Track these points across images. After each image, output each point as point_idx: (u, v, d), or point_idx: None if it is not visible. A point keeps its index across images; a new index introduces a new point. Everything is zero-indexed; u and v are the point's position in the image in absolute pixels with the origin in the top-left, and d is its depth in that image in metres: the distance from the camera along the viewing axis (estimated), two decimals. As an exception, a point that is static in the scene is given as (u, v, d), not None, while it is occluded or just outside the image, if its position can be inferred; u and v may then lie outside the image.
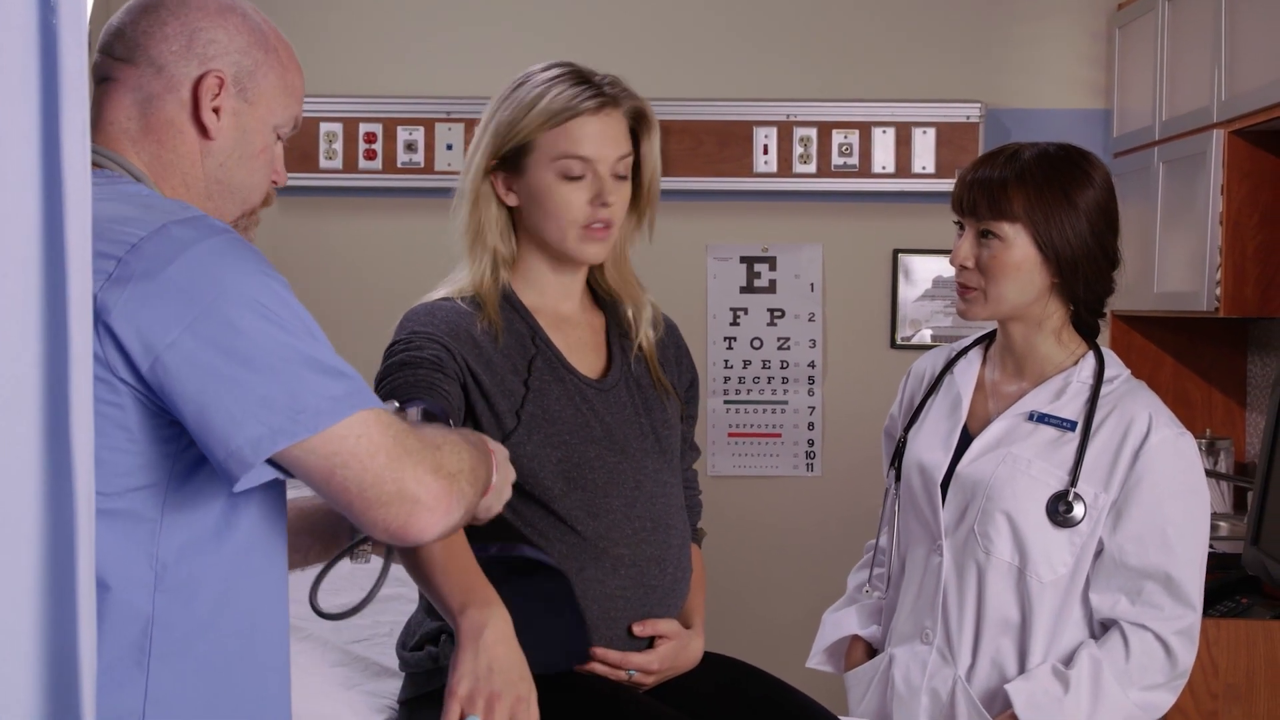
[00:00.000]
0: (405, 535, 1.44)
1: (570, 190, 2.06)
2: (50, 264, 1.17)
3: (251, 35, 1.59)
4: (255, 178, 1.62)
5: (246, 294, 1.40)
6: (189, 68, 1.55)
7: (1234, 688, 2.94)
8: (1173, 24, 3.61)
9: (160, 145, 1.56)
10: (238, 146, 1.58)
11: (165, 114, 1.55)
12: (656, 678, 2.09)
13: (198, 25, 1.56)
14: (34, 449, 1.17)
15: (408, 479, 1.42)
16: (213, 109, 1.55)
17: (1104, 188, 2.21)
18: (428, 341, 2.02)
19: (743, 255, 4.20)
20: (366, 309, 4.14)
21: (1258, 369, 3.90)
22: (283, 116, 1.62)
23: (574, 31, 4.15)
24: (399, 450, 1.43)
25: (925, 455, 2.28)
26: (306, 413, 1.39)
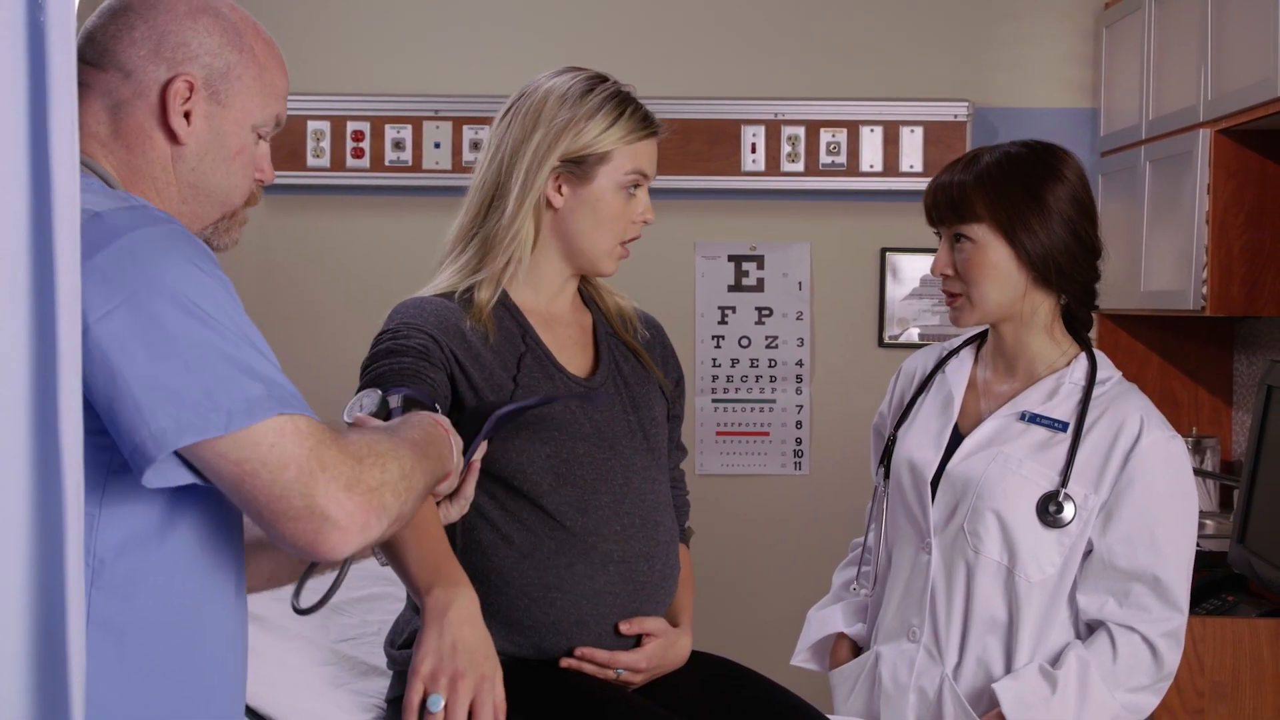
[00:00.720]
0: (313, 552, 1.39)
1: (626, 203, 2.13)
2: (38, 262, 1.16)
3: (224, 35, 1.56)
4: (233, 179, 1.58)
5: (173, 286, 1.36)
6: (157, 72, 1.52)
7: (1220, 685, 2.95)
8: (1160, 23, 3.62)
9: (130, 151, 1.53)
10: (211, 149, 1.55)
11: (135, 120, 1.53)
12: (644, 676, 2.09)
13: (166, 28, 1.53)
14: (22, 445, 1.17)
15: (318, 495, 1.37)
16: (183, 113, 1.53)
17: (1074, 180, 2.22)
18: (415, 331, 2.03)
19: (731, 254, 4.21)
20: (354, 307, 4.14)
21: (1244, 368, 3.91)
22: (262, 116, 1.59)
23: (563, 30, 4.15)
24: (313, 463, 1.37)
25: (916, 453, 2.29)
26: (218, 411, 1.34)
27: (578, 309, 2.21)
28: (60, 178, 1.17)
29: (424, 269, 2.22)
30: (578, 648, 2.04)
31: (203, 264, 1.40)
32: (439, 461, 1.58)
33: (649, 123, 2.14)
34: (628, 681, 2.08)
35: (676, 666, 2.14)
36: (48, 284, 1.17)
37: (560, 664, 2.04)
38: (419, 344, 2.01)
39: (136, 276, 1.35)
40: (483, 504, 2.04)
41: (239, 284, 4.36)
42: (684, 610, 2.20)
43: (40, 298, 1.17)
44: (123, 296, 1.34)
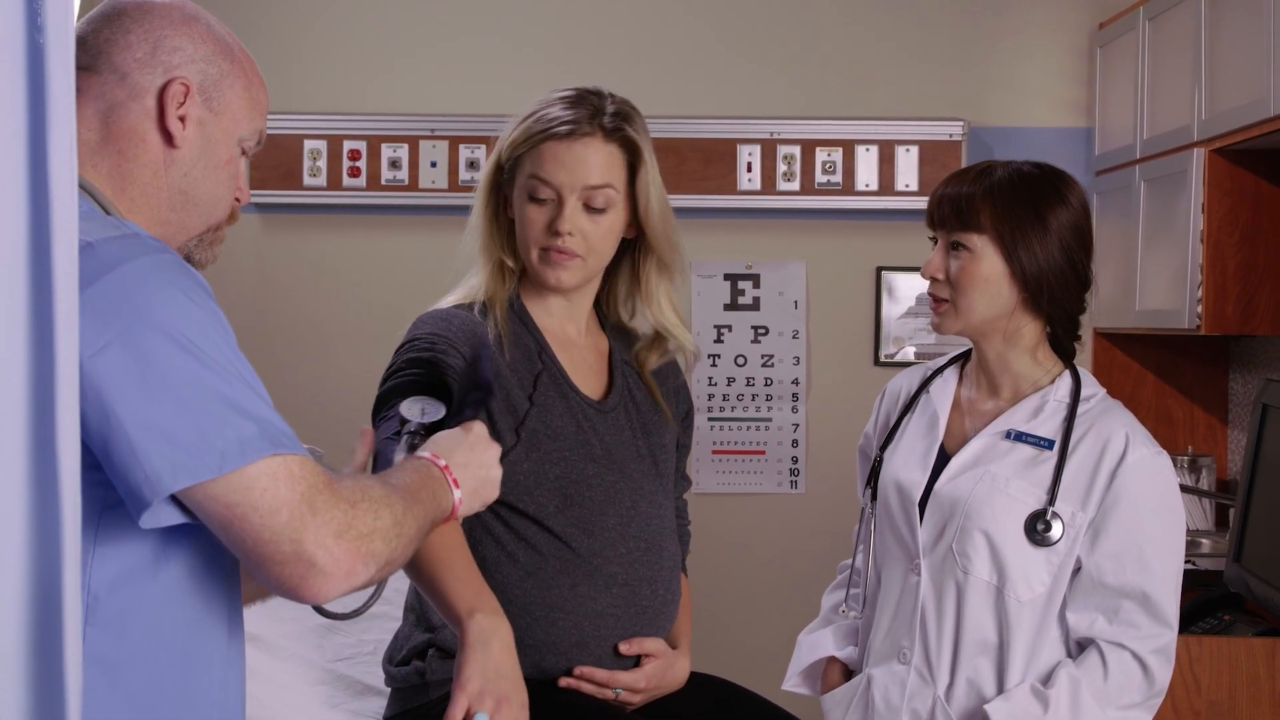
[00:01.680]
0: (299, 596, 1.38)
1: (534, 211, 2.07)
2: (37, 281, 1.16)
3: (216, 44, 1.57)
4: (220, 190, 1.58)
5: (166, 321, 1.34)
6: (153, 75, 1.52)
7: (1216, 705, 2.95)
8: (1154, 43, 3.64)
9: (121, 156, 1.52)
10: (202, 156, 1.55)
11: (128, 122, 1.52)
12: (643, 697, 2.09)
13: (162, 33, 1.53)
14: (20, 462, 1.17)
15: (307, 541, 1.35)
16: (178, 117, 1.52)
17: (1078, 208, 2.23)
18: (449, 347, 2.01)
19: (727, 272, 4.21)
20: (351, 326, 4.14)
21: (1239, 386, 3.91)
22: (247, 129, 1.59)
23: (559, 49, 4.16)
24: (304, 508, 1.35)
25: (902, 474, 2.29)
26: (211, 452, 1.33)
27: (594, 332, 2.21)
28: (59, 198, 1.17)
29: (422, 288, 2.24)
30: (577, 667, 2.04)
31: (196, 297, 1.39)
32: (433, 505, 1.55)
33: (556, 123, 2.04)
34: (626, 702, 2.07)
35: (675, 688, 2.13)
36: (46, 303, 1.17)
37: (559, 683, 2.04)
38: (456, 364, 1.99)
39: (129, 312, 1.34)
40: (488, 521, 2.04)
41: (235, 303, 4.37)
42: (683, 634, 2.20)
43: (38, 317, 1.17)
44: (115, 331, 1.33)
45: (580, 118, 2.05)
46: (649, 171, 2.11)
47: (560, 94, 2.09)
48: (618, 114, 2.08)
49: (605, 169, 2.07)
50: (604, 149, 2.07)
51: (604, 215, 2.09)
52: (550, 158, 2.05)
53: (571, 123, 2.04)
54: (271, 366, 4.16)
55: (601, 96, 2.09)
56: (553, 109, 2.06)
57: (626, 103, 2.13)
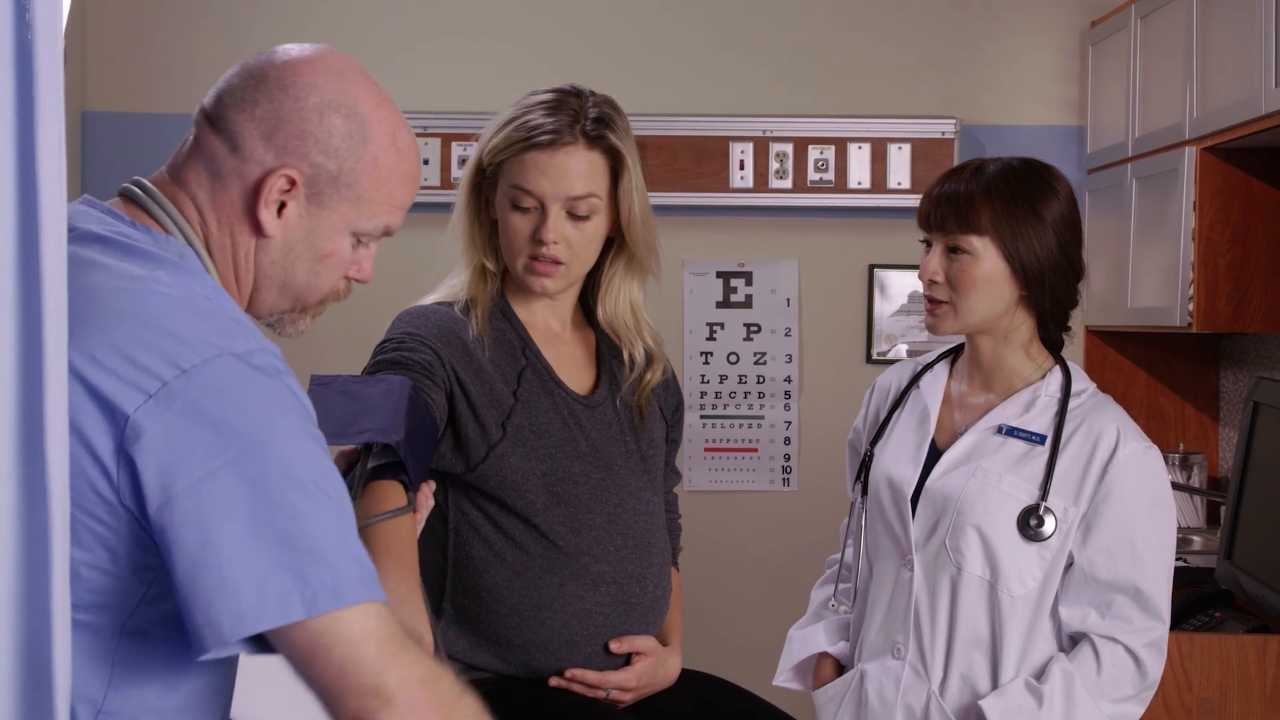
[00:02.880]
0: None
1: (519, 220, 2.05)
2: (25, 282, 1.16)
3: (349, 140, 1.45)
4: (318, 280, 1.50)
5: (289, 457, 1.28)
6: (265, 156, 1.43)
7: (1207, 702, 2.95)
8: (1145, 41, 3.64)
9: (219, 225, 1.44)
10: (299, 247, 1.46)
11: (229, 196, 1.44)
12: (634, 695, 2.09)
13: (289, 116, 1.43)
14: (8, 465, 1.17)
15: (389, 676, 1.31)
16: (277, 205, 1.43)
17: (1067, 200, 2.23)
18: (419, 344, 2.01)
19: (719, 270, 4.21)
20: (341, 323, 4.13)
21: (1230, 384, 3.92)
22: (368, 225, 1.48)
23: (552, 47, 4.16)
24: (393, 646, 1.32)
25: (894, 469, 2.29)
26: (306, 594, 1.27)
27: (580, 326, 2.20)
28: (47, 198, 1.17)
29: (413, 285, 2.23)
30: (568, 669, 2.04)
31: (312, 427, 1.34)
32: None
33: (536, 132, 2.01)
34: (617, 700, 2.07)
35: (666, 685, 2.13)
36: (34, 304, 1.17)
37: (549, 683, 2.04)
38: (423, 359, 1.99)
39: (254, 438, 1.27)
40: (476, 520, 2.04)
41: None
42: (674, 630, 2.19)
43: (26, 318, 1.17)
44: (233, 455, 1.26)
45: (561, 126, 2.01)
46: (632, 178, 2.08)
47: (540, 98, 2.05)
48: (599, 119, 2.05)
49: (588, 178, 2.04)
50: (586, 157, 2.04)
51: (588, 222, 2.07)
52: (533, 167, 2.02)
53: (553, 132, 2.01)
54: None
55: (582, 99, 2.06)
56: (533, 115, 2.03)
57: (608, 103, 2.08)
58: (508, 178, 2.06)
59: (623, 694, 2.07)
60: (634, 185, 2.08)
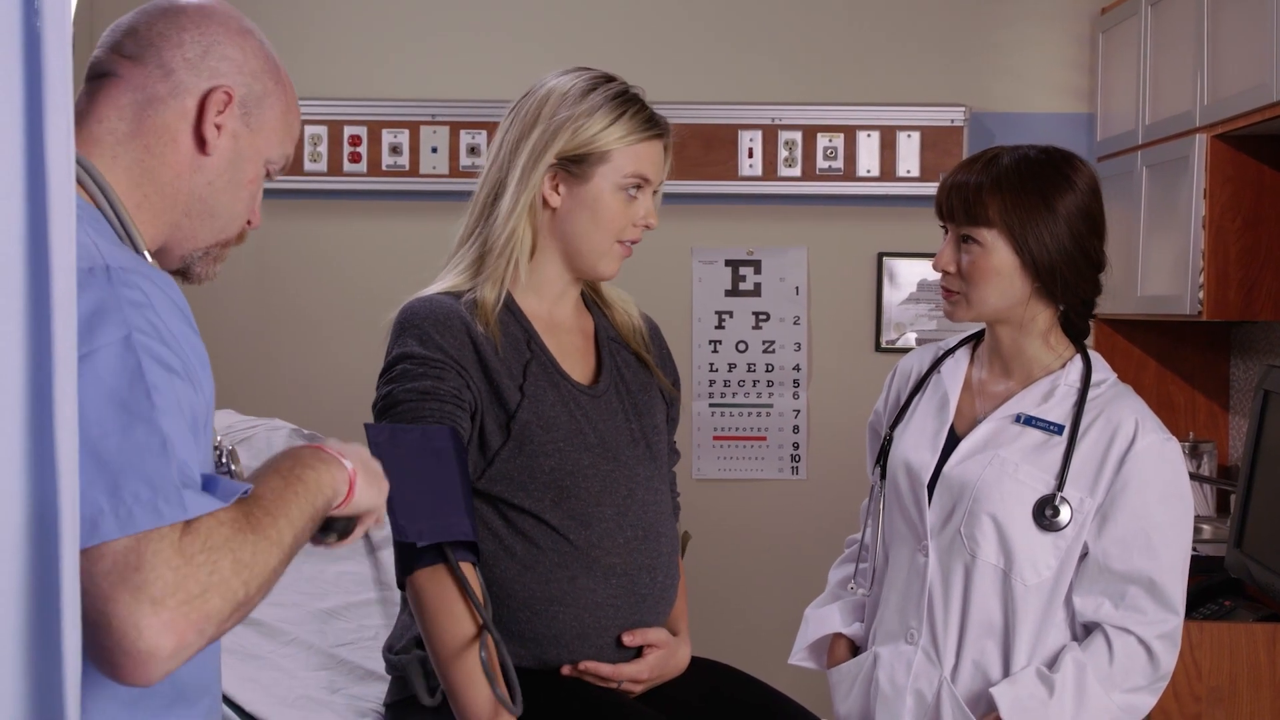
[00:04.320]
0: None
1: (623, 205, 2.09)
2: (34, 268, 1.16)
3: (266, 62, 1.56)
4: (238, 206, 1.56)
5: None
6: (198, 79, 1.50)
7: (1217, 690, 2.95)
8: (1156, 28, 3.63)
9: (147, 151, 1.49)
10: (230, 169, 1.53)
11: (162, 119, 1.49)
12: (645, 685, 2.09)
13: (216, 39, 1.52)
14: (18, 454, 1.17)
15: (115, 606, 1.23)
16: (215, 125, 1.50)
17: (1086, 191, 2.21)
18: (445, 368, 2.01)
19: (728, 258, 4.21)
20: (351, 312, 4.14)
21: (1240, 372, 3.91)
22: (277, 152, 1.58)
23: (560, 34, 4.15)
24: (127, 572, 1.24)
25: (912, 455, 2.29)
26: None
27: (580, 314, 2.20)
28: (56, 182, 1.17)
29: (421, 274, 2.22)
30: (581, 663, 2.04)
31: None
32: (307, 500, 1.41)
33: (653, 124, 2.10)
34: (629, 690, 2.08)
35: (677, 674, 2.14)
36: (43, 289, 1.17)
37: (562, 671, 2.04)
38: (453, 388, 2.00)
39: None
40: (486, 515, 2.04)
41: (235, 289, 4.37)
42: (681, 618, 2.20)
43: (36, 303, 1.17)
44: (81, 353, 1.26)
45: (659, 119, 2.13)
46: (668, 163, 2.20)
47: (619, 86, 2.12)
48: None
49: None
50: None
51: None
52: (649, 156, 2.10)
53: (661, 124, 2.13)
54: (269, 352, 4.16)
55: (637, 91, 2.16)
56: (633, 105, 2.10)
57: None
58: (622, 166, 2.08)
59: (634, 686, 2.08)
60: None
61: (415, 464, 1.91)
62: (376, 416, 2.02)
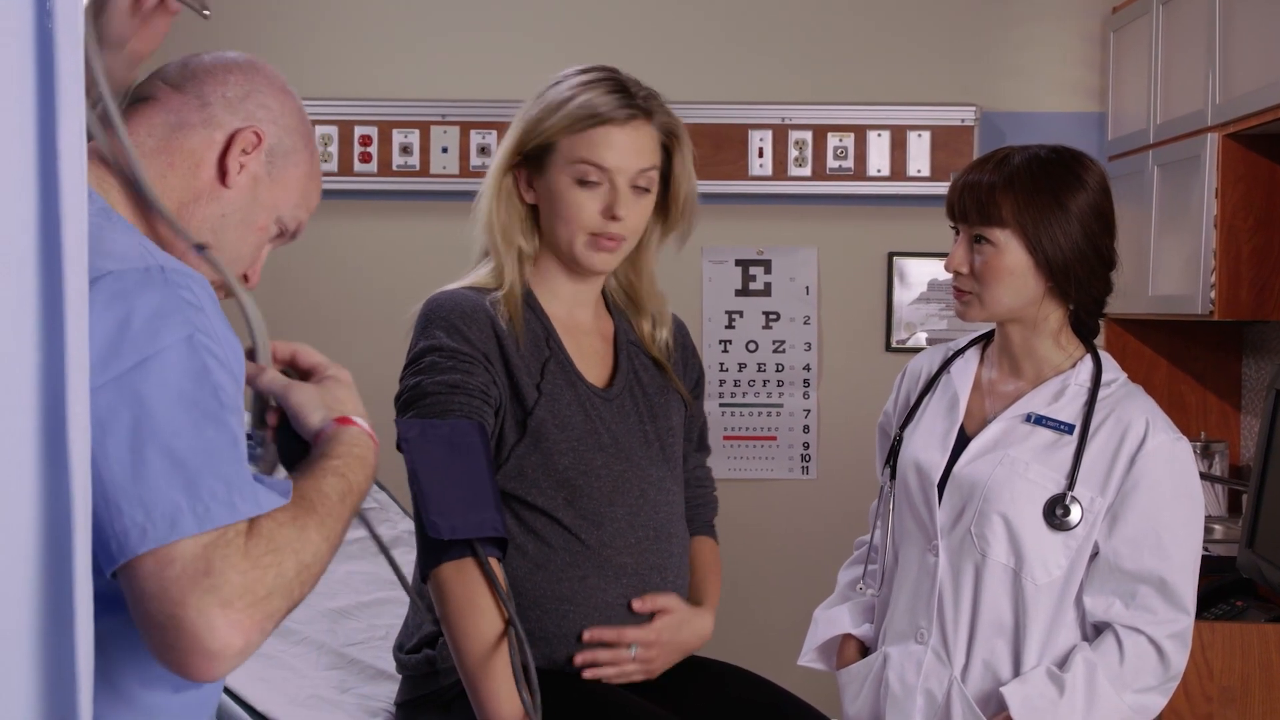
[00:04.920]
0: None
1: (584, 196, 2.05)
2: (46, 266, 1.17)
3: (301, 123, 1.59)
4: (243, 249, 1.57)
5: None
6: (233, 117, 1.53)
7: (1229, 690, 2.95)
8: (1167, 27, 3.62)
9: (169, 167, 1.51)
10: (244, 208, 1.55)
11: (190, 143, 1.52)
12: (660, 653, 2.06)
13: (258, 87, 1.56)
14: (30, 452, 1.17)
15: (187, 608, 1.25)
16: (239, 162, 1.53)
17: (1097, 189, 2.21)
18: (473, 362, 2.01)
19: (738, 258, 4.21)
20: (362, 311, 4.15)
21: (1252, 372, 3.90)
22: (290, 212, 1.60)
23: (571, 34, 4.15)
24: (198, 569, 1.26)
25: (922, 455, 2.29)
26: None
27: (601, 317, 2.19)
28: (68, 182, 1.17)
29: (432, 273, 2.23)
30: (586, 631, 2.03)
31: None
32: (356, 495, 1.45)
33: (596, 113, 2.03)
34: (644, 661, 2.05)
35: (696, 645, 2.11)
36: (55, 288, 1.17)
37: (575, 660, 2.03)
38: (480, 384, 2.00)
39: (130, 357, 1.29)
40: None
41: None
42: (709, 594, 2.18)
43: (48, 302, 1.17)
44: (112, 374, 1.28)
45: (627, 103, 2.06)
46: (686, 153, 2.13)
47: (588, 78, 2.07)
48: (651, 96, 2.10)
49: (652, 152, 2.09)
50: (649, 132, 2.08)
51: (648, 196, 2.10)
52: (604, 144, 2.04)
53: (626, 108, 2.05)
54: (283, 352, 4.16)
55: (627, 79, 2.10)
56: (593, 94, 2.05)
57: (648, 86, 2.13)
58: (568, 155, 2.05)
59: (647, 651, 2.05)
60: (688, 161, 2.14)
61: (445, 459, 1.92)
62: (401, 409, 2.01)
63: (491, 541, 1.93)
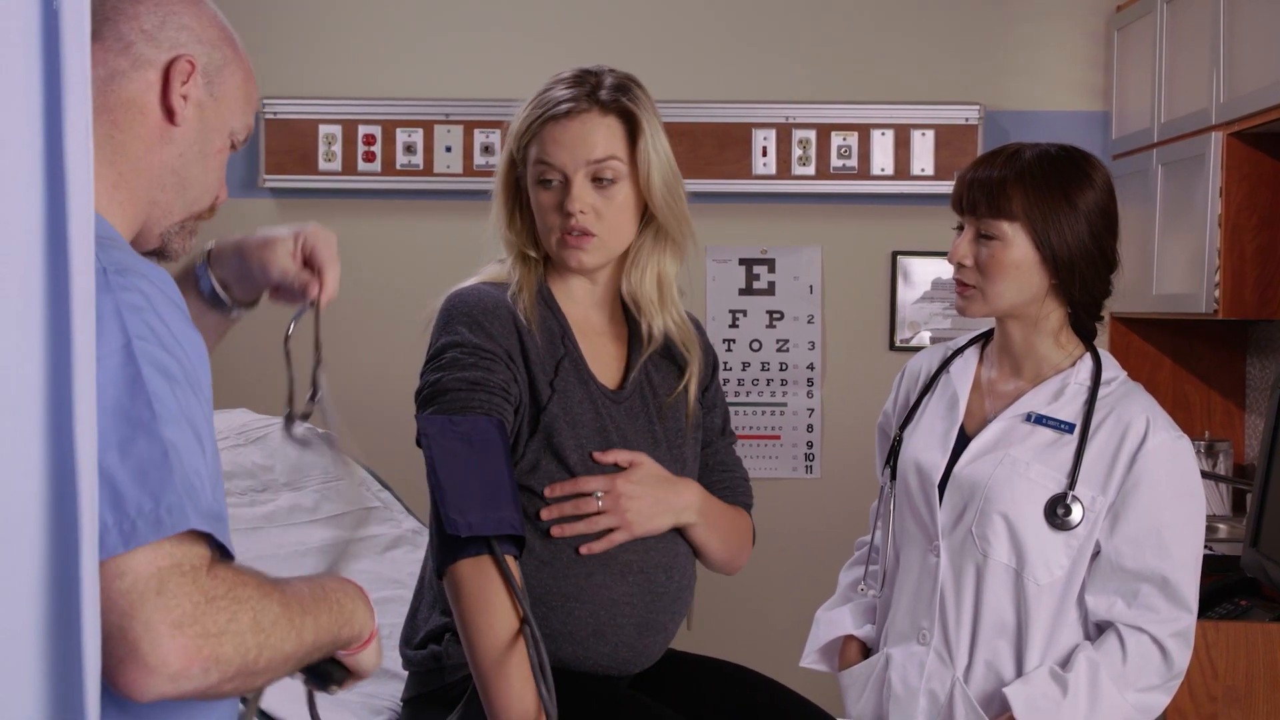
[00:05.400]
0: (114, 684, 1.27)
1: (546, 196, 2.05)
2: (53, 264, 1.17)
3: (221, 31, 1.54)
4: (209, 177, 1.55)
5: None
6: (159, 50, 1.48)
7: (1233, 690, 2.94)
8: (1171, 26, 3.62)
9: (115, 126, 1.46)
10: (198, 140, 1.51)
11: (128, 93, 1.47)
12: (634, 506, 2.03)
13: (171, 9, 1.50)
14: (37, 451, 1.17)
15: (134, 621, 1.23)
16: (181, 95, 1.48)
17: (1104, 190, 2.21)
18: (496, 359, 2.00)
19: (742, 257, 4.21)
20: (366, 311, 4.15)
21: (1256, 371, 3.90)
22: (239, 122, 1.56)
23: (572, 34, 4.15)
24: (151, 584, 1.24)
25: (922, 455, 2.28)
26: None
27: (616, 320, 2.19)
28: (75, 179, 1.17)
29: (437, 272, 2.23)
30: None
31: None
32: (336, 622, 1.44)
33: (552, 107, 2.03)
34: (616, 512, 2.02)
35: (679, 508, 2.07)
36: (62, 286, 1.17)
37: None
38: (501, 381, 1.99)
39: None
40: None
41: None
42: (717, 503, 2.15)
43: (54, 300, 1.17)
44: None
45: (578, 95, 2.03)
46: (648, 140, 2.06)
47: (559, 77, 2.08)
48: (616, 86, 2.06)
49: (606, 141, 2.04)
50: (602, 122, 2.04)
51: (614, 187, 2.05)
52: (551, 140, 2.03)
53: (569, 100, 2.02)
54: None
55: (599, 74, 2.07)
56: (552, 90, 2.05)
57: (627, 76, 2.09)
58: (531, 156, 2.06)
59: (614, 501, 2.01)
60: (651, 147, 2.06)
61: (465, 455, 1.92)
62: (421, 404, 2.01)
63: (509, 539, 1.93)
